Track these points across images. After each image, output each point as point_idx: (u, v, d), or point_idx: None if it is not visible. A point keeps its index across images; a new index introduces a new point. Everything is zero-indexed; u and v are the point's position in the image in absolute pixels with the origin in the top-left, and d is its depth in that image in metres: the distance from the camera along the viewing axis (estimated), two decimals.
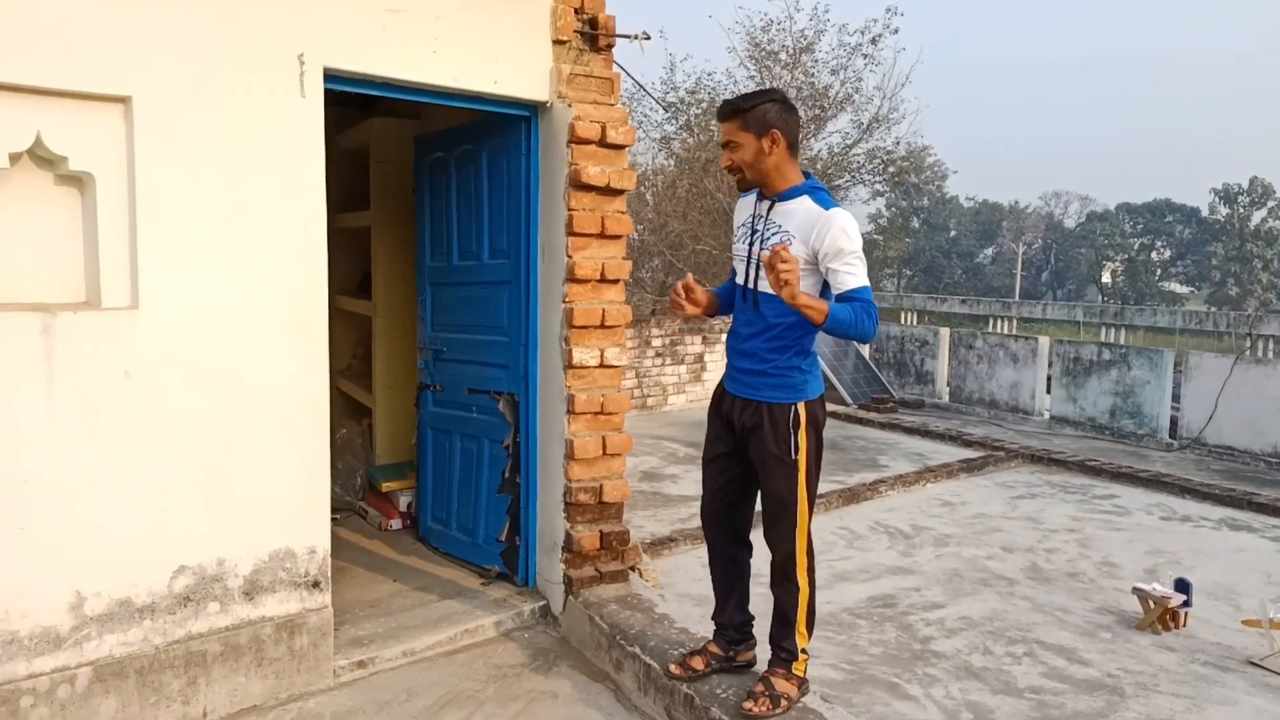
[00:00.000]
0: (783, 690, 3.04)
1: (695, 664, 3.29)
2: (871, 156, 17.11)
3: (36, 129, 2.88)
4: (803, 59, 15.48)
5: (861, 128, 16.32)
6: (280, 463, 3.39)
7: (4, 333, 2.82)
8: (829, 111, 15.98)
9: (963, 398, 9.91)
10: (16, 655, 2.92)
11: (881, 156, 17.15)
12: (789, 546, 3.11)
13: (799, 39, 15.37)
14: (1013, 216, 63.51)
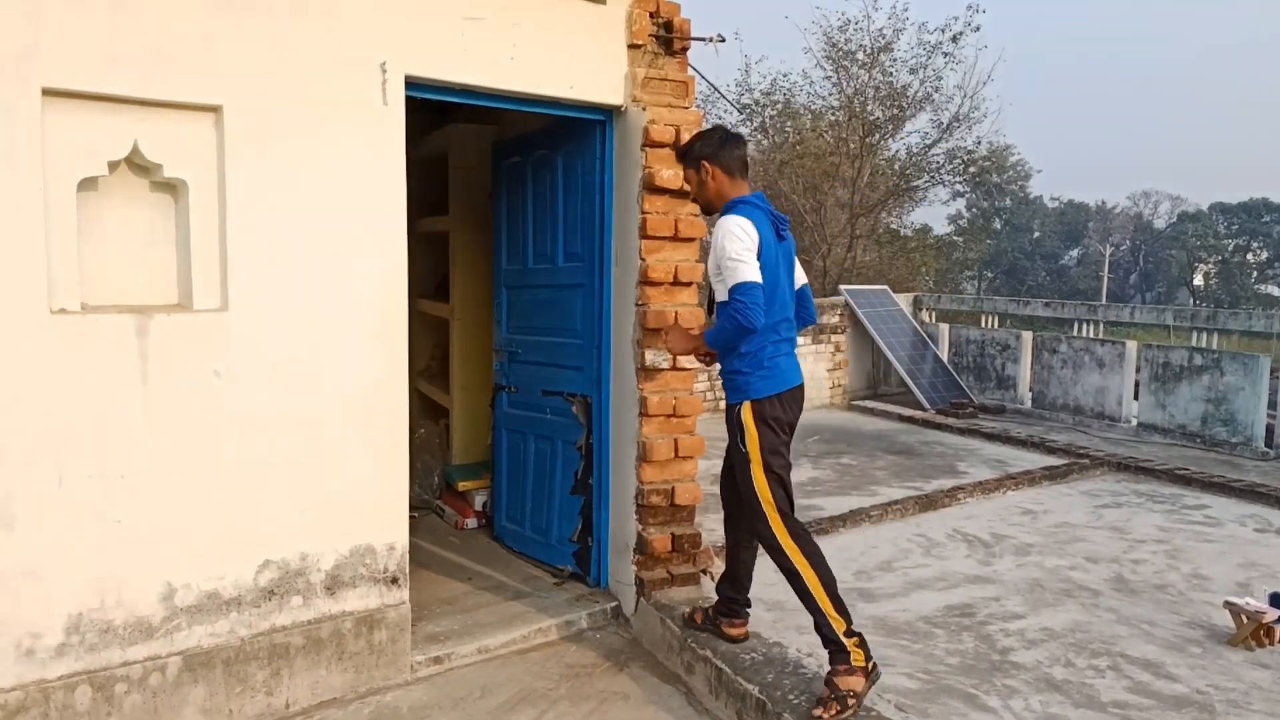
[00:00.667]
0: (847, 688, 3.04)
1: (696, 616, 3.71)
2: (951, 156, 16.81)
3: (134, 138, 3.01)
4: (881, 58, 15.28)
5: (941, 127, 16.07)
6: (361, 461, 3.48)
7: (103, 334, 2.95)
8: (908, 111, 15.76)
9: (1046, 403, 9.66)
10: (112, 643, 3.05)
11: (962, 156, 16.83)
12: (768, 537, 3.30)
13: (877, 38, 15.19)
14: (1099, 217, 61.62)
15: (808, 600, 3.19)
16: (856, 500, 6.14)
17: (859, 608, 4.25)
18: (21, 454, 2.84)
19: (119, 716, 3.06)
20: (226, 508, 3.21)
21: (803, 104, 16.92)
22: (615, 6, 3.93)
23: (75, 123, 2.90)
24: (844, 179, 15.57)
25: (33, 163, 2.79)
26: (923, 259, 18.87)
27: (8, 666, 2.87)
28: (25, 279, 2.80)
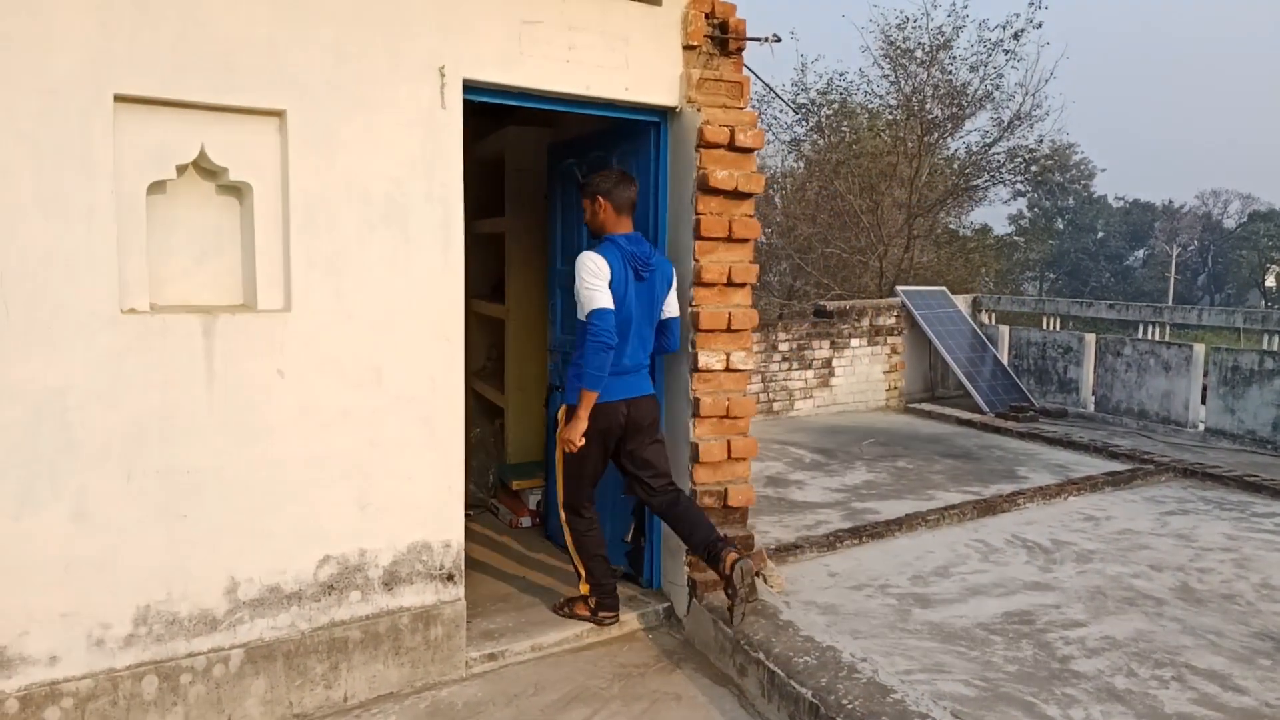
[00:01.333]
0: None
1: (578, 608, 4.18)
2: (1012, 155, 16.53)
3: (201, 142, 3.09)
4: (940, 56, 15.08)
5: (1002, 125, 15.81)
6: (419, 460, 3.53)
7: (170, 333, 3.04)
8: (967, 109, 15.53)
9: (1109, 407, 9.45)
10: (177, 635, 3.14)
11: (1023, 155, 16.54)
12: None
13: (936, 36, 14.99)
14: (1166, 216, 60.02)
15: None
16: (913, 504, 6.07)
17: (914, 614, 4.21)
18: (93, 449, 2.94)
19: (184, 706, 3.15)
20: (288, 504, 3.29)
21: (859, 103, 16.78)
22: (671, 8, 3.94)
23: (145, 128, 2.99)
24: (901, 178, 15.39)
25: (105, 167, 2.89)
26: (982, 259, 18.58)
27: (79, 656, 2.97)
28: (98, 279, 2.90)
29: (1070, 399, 9.88)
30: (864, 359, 10.02)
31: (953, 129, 15.86)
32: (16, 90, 2.74)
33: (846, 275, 16.37)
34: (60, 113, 2.80)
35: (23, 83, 2.74)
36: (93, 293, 2.89)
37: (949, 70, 15.27)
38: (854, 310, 10.03)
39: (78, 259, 2.86)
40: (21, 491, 2.84)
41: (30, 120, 2.76)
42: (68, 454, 2.90)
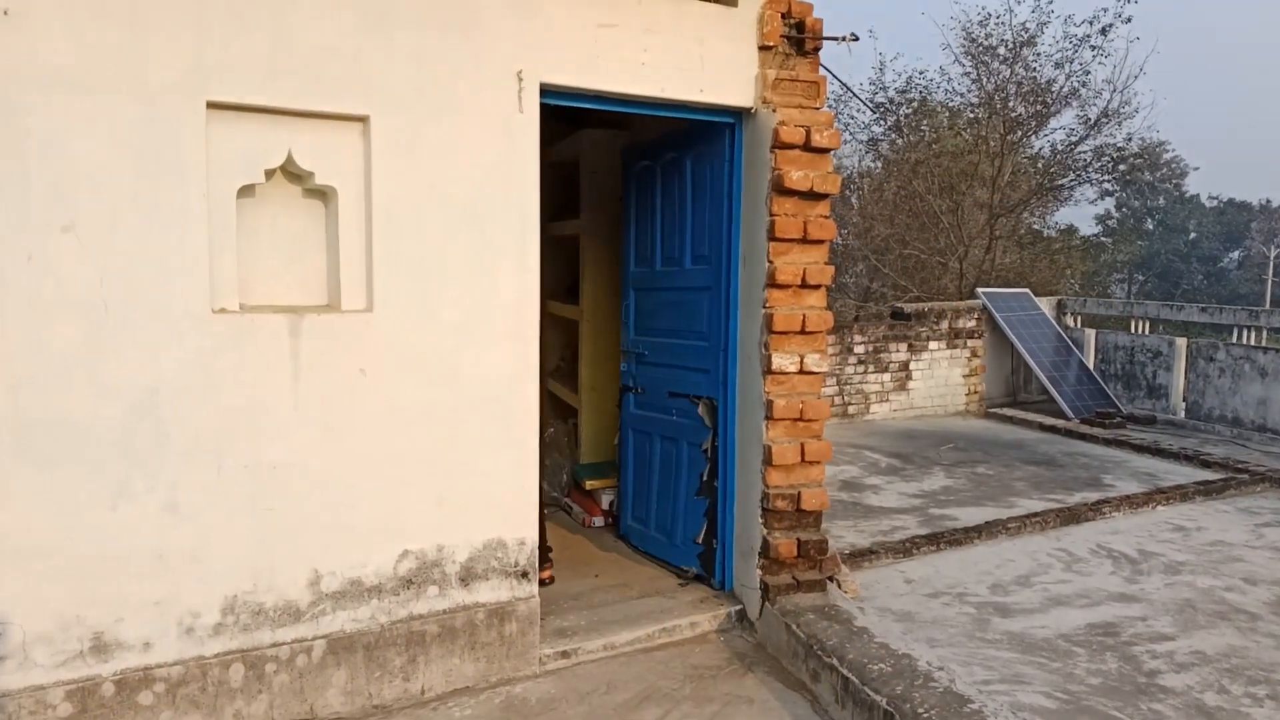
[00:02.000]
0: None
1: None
2: (1099, 154, 16.03)
3: (288, 147, 3.19)
4: (1024, 53, 14.71)
5: (1088, 123, 15.34)
6: (495, 458, 3.59)
7: (258, 332, 3.14)
8: (1052, 107, 15.12)
9: (1200, 414, 9.11)
10: (263, 625, 3.24)
11: (1111, 153, 16.03)
12: None
13: (1019, 32, 14.63)
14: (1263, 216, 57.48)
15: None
16: (993, 511, 5.94)
17: (994, 623, 4.12)
18: (185, 444, 3.05)
19: (269, 695, 3.25)
20: (370, 499, 3.37)
21: (940, 101, 16.47)
22: (747, 9, 3.93)
23: (236, 134, 3.10)
24: (983, 178, 15.06)
25: (199, 172, 3.00)
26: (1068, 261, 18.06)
27: (170, 642, 3.09)
28: (192, 280, 3.01)
29: (1159, 405, 9.55)
30: (942, 362, 9.83)
31: (1037, 127, 15.46)
32: (117, 98, 2.86)
33: (925, 277, 16.08)
34: (157, 120, 2.92)
35: (123, 91, 2.87)
36: (185, 293, 3.01)
37: (1033, 67, 14.88)
38: (932, 312, 9.85)
39: (172, 261, 2.98)
40: (118, 484, 2.97)
41: (129, 127, 2.89)
42: (161, 448, 3.02)
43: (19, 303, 2.79)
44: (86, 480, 2.92)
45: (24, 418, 2.82)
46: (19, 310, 2.79)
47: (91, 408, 2.90)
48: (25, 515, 2.85)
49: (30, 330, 2.81)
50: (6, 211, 2.75)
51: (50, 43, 2.76)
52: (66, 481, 2.89)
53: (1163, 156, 24.77)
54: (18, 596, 2.86)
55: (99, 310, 2.89)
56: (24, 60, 2.74)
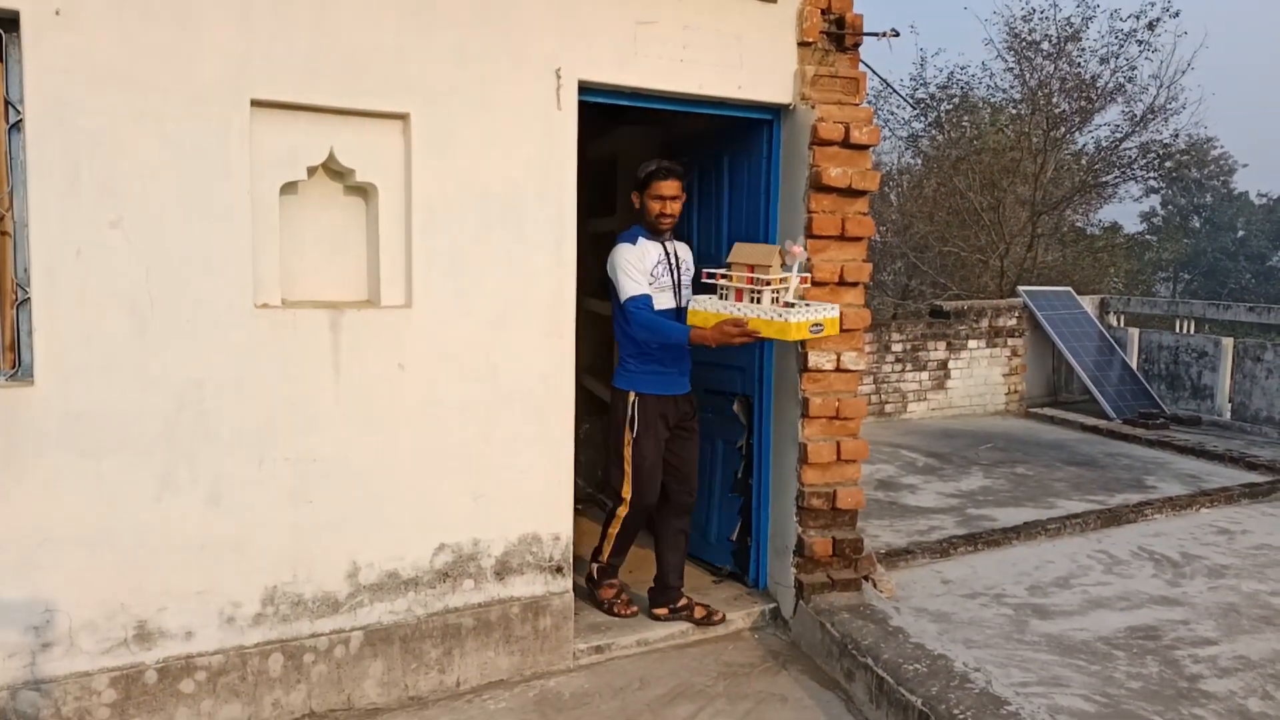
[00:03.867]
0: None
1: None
2: (1145, 150, 15.73)
3: (330, 145, 3.23)
4: (1068, 48, 14.48)
5: (1134, 120, 15.06)
6: (531, 453, 3.61)
7: (300, 327, 3.19)
8: (1097, 103, 14.88)
9: (1247, 415, 8.92)
10: (301, 615, 3.29)
11: (1157, 150, 15.73)
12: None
13: (1064, 27, 14.40)
14: None
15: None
16: (1032, 512, 5.86)
17: (1032, 625, 4.07)
18: (228, 436, 3.10)
19: (307, 685, 3.30)
20: (407, 493, 3.40)
21: (981, 97, 16.27)
22: (786, 4, 3.91)
23: (279, 131, 3.14)
24: (1025, 175, 14.84)
25: (243, 169, 3.05)
26: (1111, 259, 17.75)
27: (211, 632, 3.15)
28: (235, 276, 3.06)
29: (1204, 406, 9.37)
30: (982, 361, 9.72)
31: (1081, 123, 15.21)
32: (165, 97, 2.92)
33: (965, 274, 15.89)
34: (203, 117, 2.97)
35: (170, 89, 2.92)
36: (229, 288, 3.06)
37: (1077, 62, 14.64)
38: (972, 310, 9.74)
39: (216, 256, 3.03)
40: (163, 475, 3.02)
41: (176, 125, 2.94)
42: (205, 441, 3.07)
43: (68, 296, 2.85)
44: (132, 471, 2.98)
45: (72, 409, 2.88)
46: (68, 303, 2.85)
47: (137, 400, 2.96)
48: (72, 505, 2.91)
49: (78, 323, 2.87)
50: (58, 207, 2.81)
51: (101, 42, 2.82)
52: (113, 472, 2.95)
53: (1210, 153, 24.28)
54: (65, 585, 2.92)
55: (145, 304, 2.95)
56: (76, 59, 2.80)
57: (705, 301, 3.73)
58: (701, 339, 3.64)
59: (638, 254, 3.87)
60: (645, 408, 3.92)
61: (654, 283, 3.89)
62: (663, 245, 3.97)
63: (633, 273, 3.83)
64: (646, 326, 3.78)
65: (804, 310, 3.49)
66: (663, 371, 3.95)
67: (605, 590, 4.17)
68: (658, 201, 3.88)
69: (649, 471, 3.96)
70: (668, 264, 3.97)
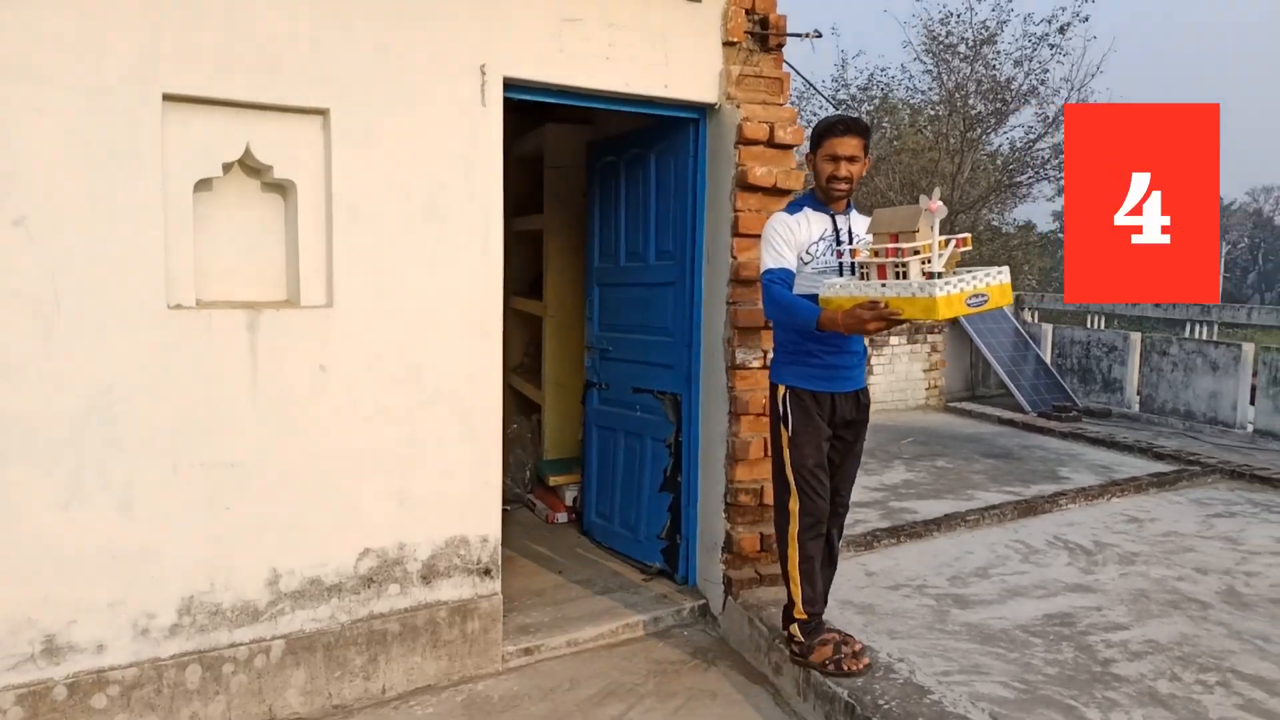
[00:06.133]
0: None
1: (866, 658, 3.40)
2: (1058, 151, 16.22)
3: (246, 140, 3.14)
4: (984, 51, 14.88)
5: (1047, 121, 15.53)
6: (457, 455, 3.56)
7: (216, 329, 3.09)
8: (1011, 105, 15.30)
9: (1154, 408, 9.28)
10: (220, 625, 3.19)
11: None
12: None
13: (980, 30, 14.78)
14: None
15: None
16: (952, 504, 6.01)
17: (953, 614, 4.17)
18: (140, 442, 3.00)
19: (226, 696, 3.20)
20: (330, 498, 3.33)
21: (901, 99, 16.61)
22: (711, 4, 3.93)
23: (193, 126, 3.05)
24: (943, 175, 15.21)
25: (154, 165, 2.94)
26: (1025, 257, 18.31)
27: (125, 644, 3.04)
28: (147, 275, 2.96)
29: (1114, 399, 9.72)
30: (903, 357, 9.93)
31: (996, 124, 15.64)
32: (68, 90, 2.80)
33: None
34: (110, 112, 2.86)
35: (73, 82, 2.80)
36: (140, 289, 2.95)
37: (993, 65, 15.06)
38: None
39: (126, 256, 2.92)
40: (70, 483, 2.90)
41: (81, 119, 2.83)
42: (115, 446, 2.96)
43: None
44: (37, 479, 2.86)
45: None
46: None
47: (43, 404, 2.84)
48: None
49: None
50: None
51: (1, 32, 2.70)
52: (17, 480, 2.83)
53: None
54: None
55: (50, 305, 2.83)
56: None
57: (841, 286, 3.12)
58: (831, 324, 3.05)
59: (792, 224, 3.32)
60: (800, 403, 3.36)
61: (811, 261, 3.30)
62: (832, 218, 3.39)
63: (777, 243, 3.28)
64: (775, 302, 3.24)
65: (955, 280, 2.84)
66: (822, 364, 3.36)
67: (821, 649, 3.37)
68: (830, 162, 3.30)
69: (814, 473, 3.36)
70: (836, 240, 3.36)
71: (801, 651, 3.40)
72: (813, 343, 3.31)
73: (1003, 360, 9.91)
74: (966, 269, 2.96)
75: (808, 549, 3.37)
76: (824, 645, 3.36)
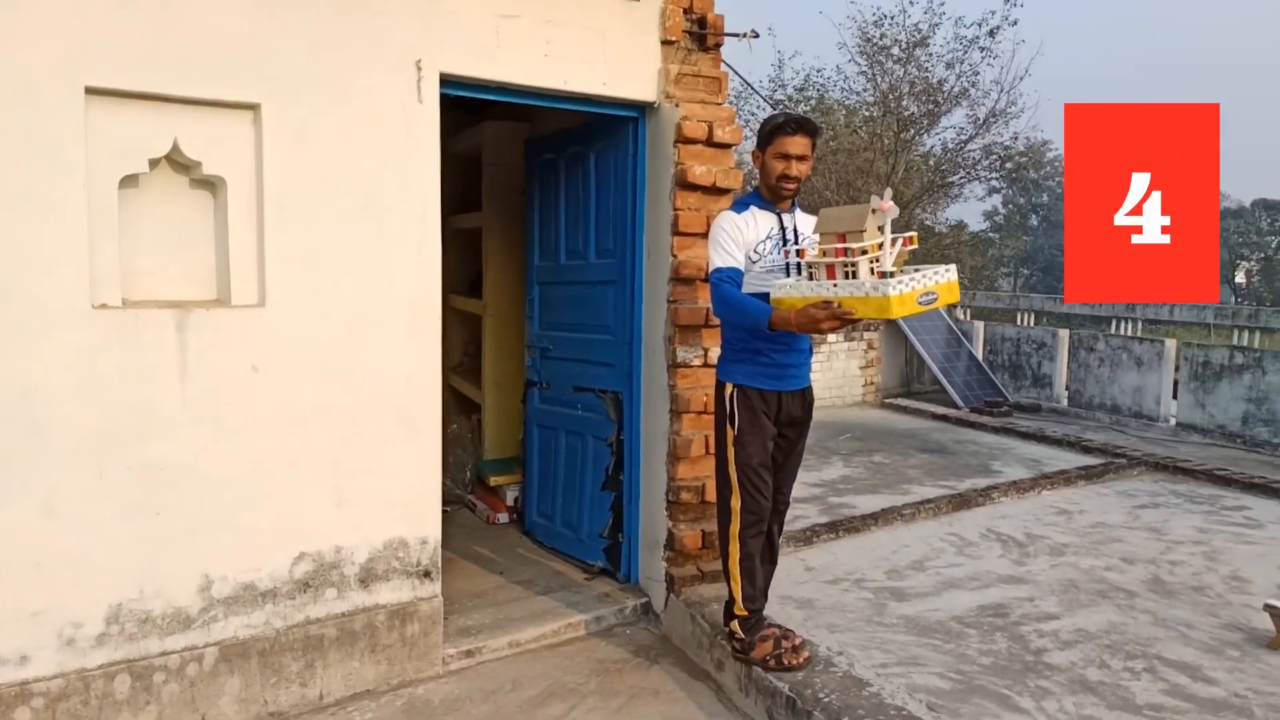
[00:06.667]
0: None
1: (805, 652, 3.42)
2: (988, 152, 16.63)
3: (174, 136, 3.05)
4: (916, 53, 15.13)
5: (977, 123, 15.88)
6: (396, 456, 3.51)
7: (143, 329, 3.00)
8: (943, 106, 15.60)
9: (1082, 402, 9.55)
10: (150, 633, 3.10)
11: (998, 152, 16.64)
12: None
13: (913, 33, 15.04)
14: None
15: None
16: (888, 499, 6.10)
17: (890, 607, 4.24)
18: (64, 446, 2.90)
19: (157, 706, 3.12)
20: (264, 501, 3.26)
21: (836, 100, 16.82)
22: (649, 3, 3.94)
23: (118, 121, 2.95)
24: (878, 175, 15.44)
25: (78, 161, 2.85)
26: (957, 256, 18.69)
27: (50, 655, 2.93)
28: (69, 275, 2.86)
29: (1044, 394, 9.98)
30: (840, 355, 10.06)
31: (929, 126, 15.92)
32: None
33: None
34: (31, 106, 2.76)
35: None
36: (64, 288, 2.85)
37: (925, 67, 15.33)
38: None
39: (48, 254, 2.82)
40: None
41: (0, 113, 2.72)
42: (38, 451, 2.86)
43: None
44: None
45: None
46: None
47: None
48: None
49: None
50: None
51: None
52: None
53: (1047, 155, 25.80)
54: None
55: None
56: None
57: (793, 286, 3.11)
58: (784, 323, 3.04)
59: (740, 223, 3.29)
60: (747, 402, 3.35)
61: (759, 260, 3.29)
62: (779, 217, 3.38)
63: (725, 242, 3.26)
64: (725, 302, 3.21)
65: (907, 280, 2.88)
66: (771, 362, 3.35)
67: (762, 645, 3.39)
68: (781, 161, 3.28)
69: (758, 472, 3.36)
70: (782, 239, 3.35)
71: (742, 648, 3.41)
72: (762, 341, 3.29)
73: (936, 357, 10.10)
74: (913, 267, 3.00)
75: (749, 546, 3.38)
76: (764, 641, 3.38)
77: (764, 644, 3.37)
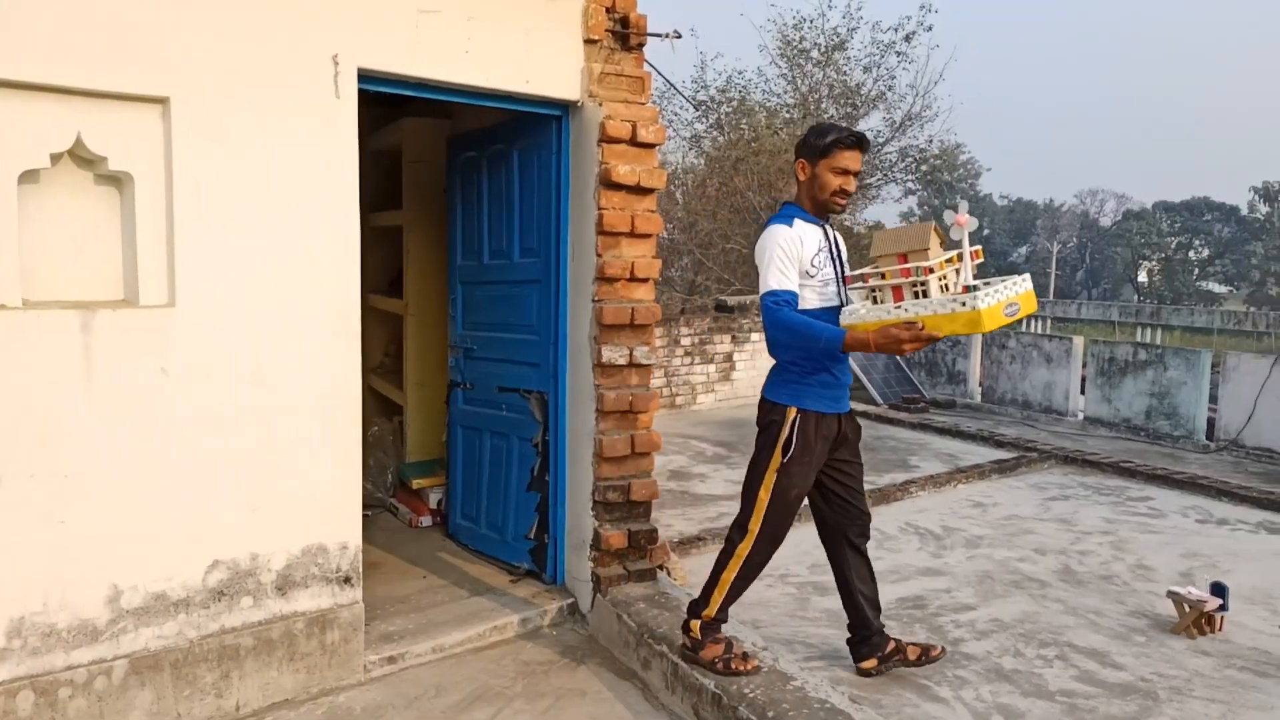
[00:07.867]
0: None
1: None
2: (904, 155, 17.02)
3: (77, 129, 2.93)
4: (835, 57, 15.42)
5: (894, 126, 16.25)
6: (314, 459, 3.43)
7: (45, 330, 2.88)
8: (861, 110, 15.92)
9: (995, 398, 9.83)
10: (55, 647, 2.98)
11: (914, 155, 17.04)
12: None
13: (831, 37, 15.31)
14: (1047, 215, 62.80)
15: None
16: None
17: (813, 601, 4.30)
18: None
19: None
20: (175, 508, 3.15)
21: (758, 101, 17.03)
22: (571, 2, 3.92)
23: (17, 114, 2.82)
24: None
25: None
26: None
27: None
28: None
29: (959, 390, 10.24)
30: (763, 354, 10.17)
31: None
32: None
33: (747, 270, 16.57)
34: None
35: None
36: None
37: (844, 70, 15.63)
38: (754, 305, 10.17)
39: None
40: None
41: None
42: None
43: None
44: None
45: None
46: None
47: None
48: None
49: None
50: None
51: None
52: None
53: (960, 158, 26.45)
54: None
55: None
56: None
57: (861, 311, 3.04)
58: (860, 345, 2.97)
59: (794, 239, 3.17)
60: (806, 428, 3.25)
61: (815, 274, 3.20)
62: (824, 230, 3.31)
63: (782, 262, 3.12)
64: (789, 328, 3.07)
65: (993, 292, 2.83)
66: (834, 384, 3.28)
67: (712, 647, 3.37)
68: (839, 175, 3.20)
69: (791, 504, 3.32)
70: (830, 253, 3.29)
71: (693, 647, 3.40)
72: (829, 360, 3.22)
73: (856, 355, 10.29)
74: (983, 280, 2.99)
75: (750, 570, 3.39)
76: (715, 644, 3.38)
77: (715, 646, 3.37)
